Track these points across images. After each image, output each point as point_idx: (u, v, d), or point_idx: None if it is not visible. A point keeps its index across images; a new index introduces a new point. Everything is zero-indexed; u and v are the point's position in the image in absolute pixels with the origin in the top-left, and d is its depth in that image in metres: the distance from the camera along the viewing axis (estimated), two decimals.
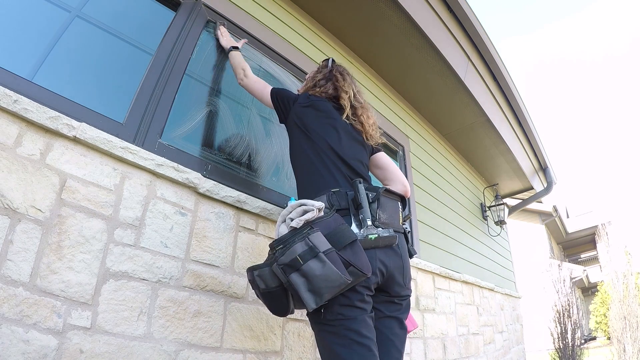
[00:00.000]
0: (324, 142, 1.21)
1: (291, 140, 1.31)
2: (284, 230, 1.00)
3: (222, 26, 1.76)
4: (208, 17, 1.70)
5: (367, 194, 1.07)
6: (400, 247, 1.12)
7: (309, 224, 0.96)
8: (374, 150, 1.40)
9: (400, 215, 1.16)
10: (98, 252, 1.06)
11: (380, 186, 1.14)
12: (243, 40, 1.78)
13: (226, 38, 1.69)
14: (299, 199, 1.08)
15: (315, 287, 0.88)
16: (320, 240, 0.91)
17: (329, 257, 0.89)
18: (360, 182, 1.09)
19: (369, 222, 1.03)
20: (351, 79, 1.41)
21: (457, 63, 2.86)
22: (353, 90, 1.37)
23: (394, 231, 1.08)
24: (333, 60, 1.47)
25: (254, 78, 1.47)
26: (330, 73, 1.39)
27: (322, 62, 1.49)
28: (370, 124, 1.36)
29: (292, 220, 0.99)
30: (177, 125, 1.45)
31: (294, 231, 0.95)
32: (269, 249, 1.00)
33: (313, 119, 1.25)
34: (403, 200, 1.19)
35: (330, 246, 0.91)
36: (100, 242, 1.07)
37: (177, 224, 1.27)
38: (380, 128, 1.57)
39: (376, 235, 1.02)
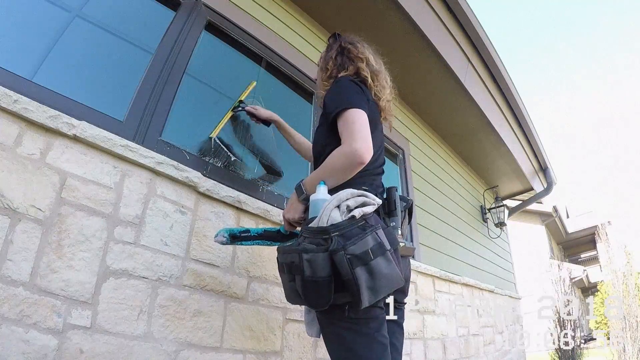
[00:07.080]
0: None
1: (332, 130, 1.09)
2: (336, 215, 0.88)
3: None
4: (208, 17, 1.70)
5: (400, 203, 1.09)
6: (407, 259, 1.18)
7: (363, 218, 0.89)
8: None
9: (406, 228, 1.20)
10: (98, 250, 1.06)
11: (408, 197, 1.17)
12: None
13: None
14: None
15: (377, 285, 0.82)
16: (385, 239, 0.87)
17: (392, 257, 0.86)
18: (396, 190, 1.09)
19: (399, 232, 1.05)
20: (367, 45, 1.26)
21: (457, 65, 2.86)
22: (369, 55, 1.22)
23: None
24: (338, 34, 1.28)
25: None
26: (340, 47, 1.23)
27: (329, 39, 1.31)
28: (388, 100, 1.22)
29: (348, 207, 0.89)
30: (177, 124, 1.45)
31: (351, 221, 0.87)
32: (314, 231, 0.88)
33: None
34: (410, 213, 1.19)
35: (390, 246, 0.87)
36: (100, 240, 1.07)
37: (177, 223, 1.27)
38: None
39: (403, 245, 1.04)
